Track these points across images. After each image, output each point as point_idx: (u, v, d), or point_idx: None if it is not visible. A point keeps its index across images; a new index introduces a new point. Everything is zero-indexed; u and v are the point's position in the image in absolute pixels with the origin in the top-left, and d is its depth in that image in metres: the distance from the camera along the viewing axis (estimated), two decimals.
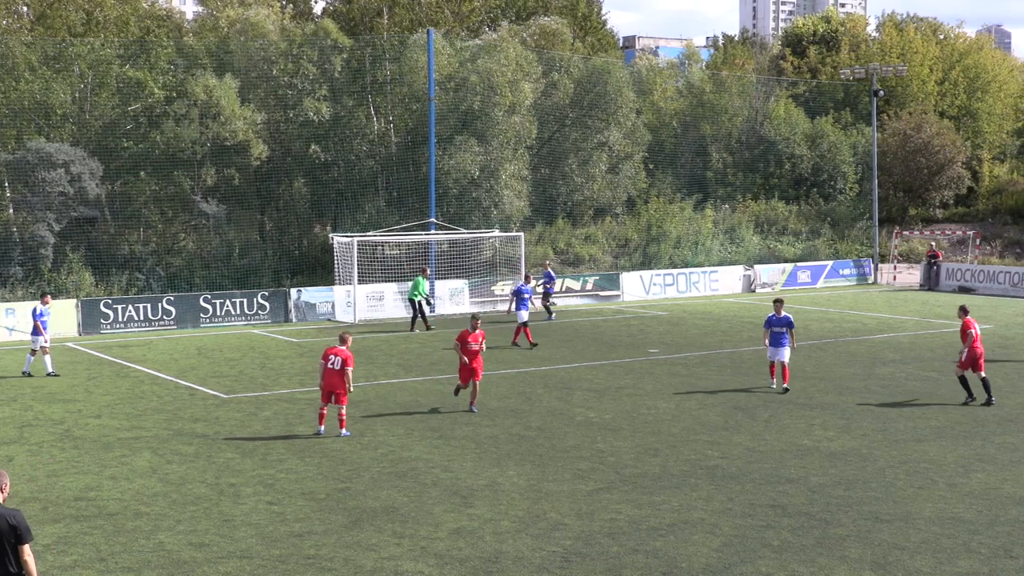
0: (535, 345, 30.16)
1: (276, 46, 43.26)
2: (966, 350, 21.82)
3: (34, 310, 26.85)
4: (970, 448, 18.13)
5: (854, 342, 30.96)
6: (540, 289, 37.19)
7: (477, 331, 21.06)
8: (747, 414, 20.96)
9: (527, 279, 33.14)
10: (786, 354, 23.10)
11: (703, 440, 18.80)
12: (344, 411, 19.27)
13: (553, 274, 38.79)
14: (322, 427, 19.49)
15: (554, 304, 38.18)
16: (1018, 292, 43.36)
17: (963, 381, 22.08)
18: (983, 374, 21.89)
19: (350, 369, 19.07)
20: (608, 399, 22.62)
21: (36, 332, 26.25)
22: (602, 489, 15.73)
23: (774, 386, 23.43)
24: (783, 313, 23.29)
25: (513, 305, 31.78)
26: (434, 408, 21.80)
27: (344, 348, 19.28)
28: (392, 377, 25.75)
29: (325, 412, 19.52)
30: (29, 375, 26.29)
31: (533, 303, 31.62)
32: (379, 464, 17.26)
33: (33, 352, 26.44)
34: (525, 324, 30.70)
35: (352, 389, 19.37)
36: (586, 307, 41.44)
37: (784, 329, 23.05)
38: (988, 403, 21.69)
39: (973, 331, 21.79)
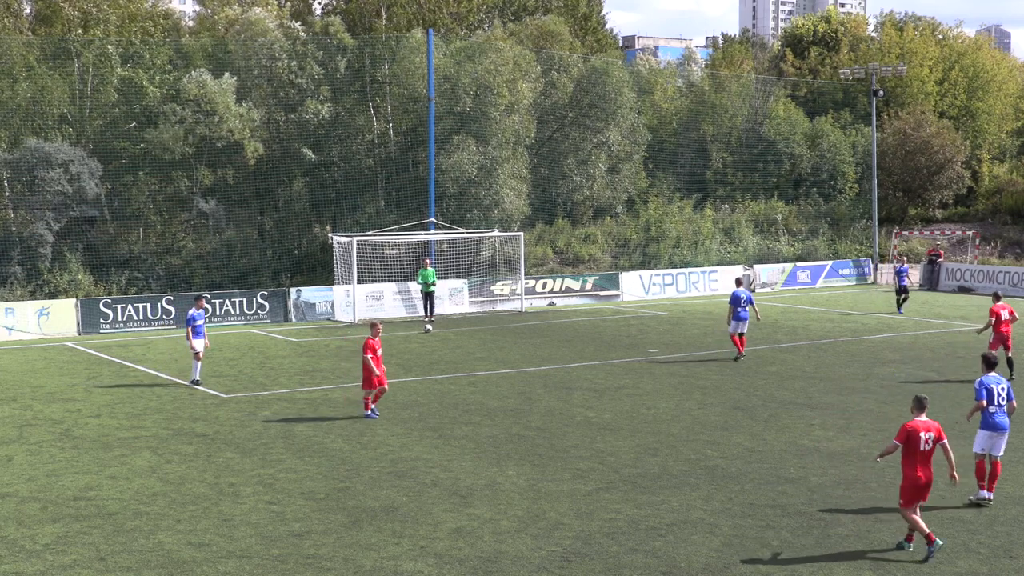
0: (740, 356, 27.57)
1: (280, 44, 43.24)
2: (992, 332, 24.82)
3: (188, 313, 24.95)
4: (970, 448, 18.09)
5: (854, 342, 30.95)
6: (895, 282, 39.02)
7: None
8: (747, 414, 20.96)
9: (738, 283, 28.91)
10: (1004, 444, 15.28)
11: (703, 440, 18.80)
12: (372, 395, 20.85)
13: (906, 267, 39.47)
14: (369, 411, 20.85)
15: (904, 300, 38.41)
16: (1018, 292, 43.33)
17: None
18: (1009, 354, 24.73)
19: (367, 357, 20.54)
20: (608, 399, 22.62)
21: (194, 336, 24.32)
22: (602, 489, 15.72)
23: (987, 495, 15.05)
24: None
25: (731, 315, 27.71)
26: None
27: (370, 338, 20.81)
28: (392, 377, 25.67)
29: (369, 399, 20.92)
30: (199, 383, 24.67)
31: (755, 310, 28.08)
32: (379, 464, 17.26)
33: (196, 356, 24.68)
34: (741, 334, 27.70)
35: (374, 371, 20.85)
36: (586, 307, 41.43)
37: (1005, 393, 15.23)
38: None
39: (999, 315, 24.71)
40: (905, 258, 44.71)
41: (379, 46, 45.35)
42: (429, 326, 34.61)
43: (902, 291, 38.57)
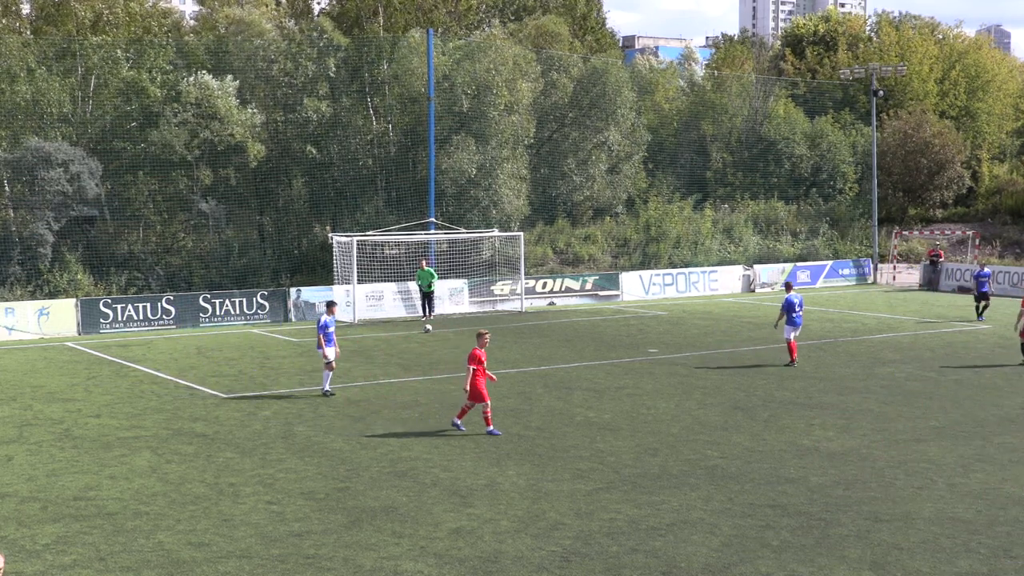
0: (791, 363, 26.77)
1: (275, 44, 43.25)
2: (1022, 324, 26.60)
3: (318, 320, 23.51)
4: (970, 448, 18.12)
5: (854, 342, 30.96)
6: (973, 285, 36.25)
7: None
8: (747, 414, 20.96)
9: (789, 287, 28.29)
10: None
11: (703, 440, 18.79)
12: (488, 408, 19.26)
13: (988, 271, 37.06)
14: (459, 420, 19.48)
15: (984, 307, 35.84)
16: (1018, 292, 43.28)
17: None
18: None
19: (471, 368, 19.11)
20: (608, 399, 22.61)
21: (327, 343, 22.87)
22: (601, 489, 15.71)
23: None
24: None
25: (783, 319, 27.17)
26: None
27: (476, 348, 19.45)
28: (392, 377, 25.74)
29: (468, 410, 19.55)
30: (331, 394, 23.22)
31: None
32: (379, 464, 17.25)
33: (329, 366, 23.18)
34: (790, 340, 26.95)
35: (466, 388, 19.33)
36: (586, 307, 41.43)
37: None
38: None
39: None
40: (984, 263, 41.00)
41: (376, 46, 45.34)
42: (429, 326, 34.62)
43: (983, 296, 35.87)
